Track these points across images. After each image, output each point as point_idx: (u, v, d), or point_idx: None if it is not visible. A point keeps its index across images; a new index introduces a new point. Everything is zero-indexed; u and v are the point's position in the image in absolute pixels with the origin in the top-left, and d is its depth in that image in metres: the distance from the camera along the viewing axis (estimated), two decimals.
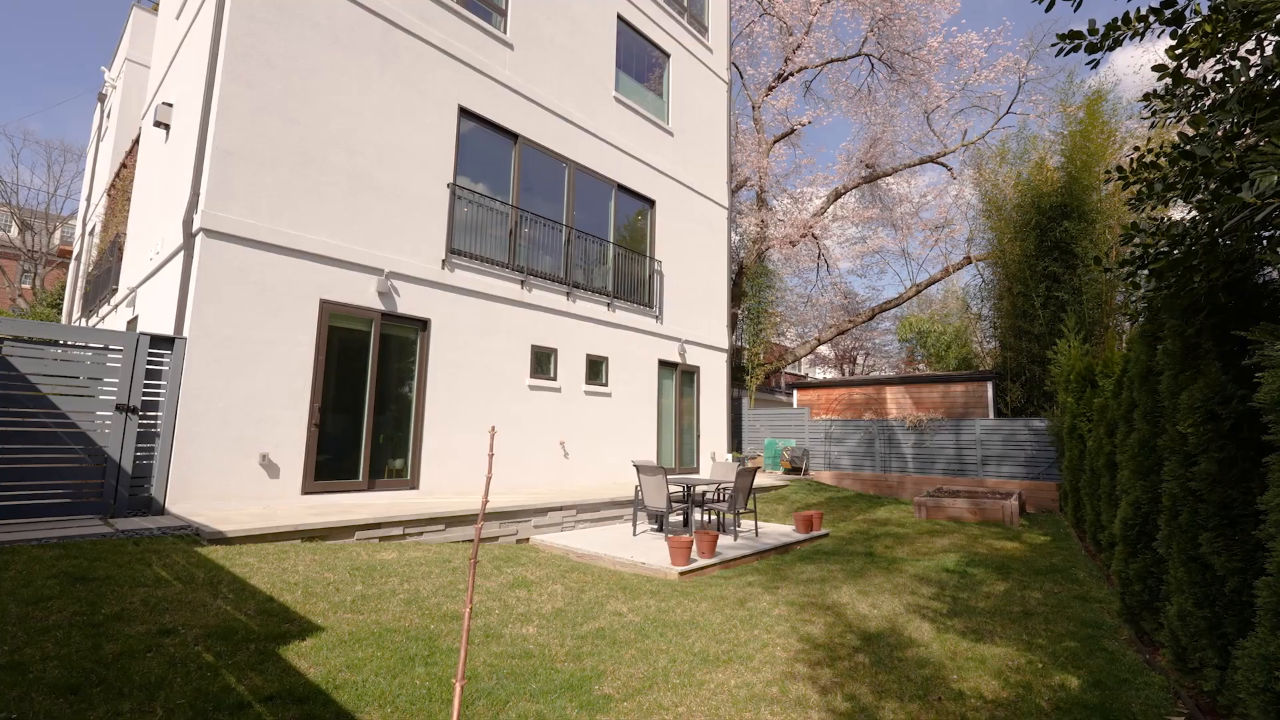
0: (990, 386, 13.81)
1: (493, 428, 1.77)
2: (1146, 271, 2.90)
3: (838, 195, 18.88)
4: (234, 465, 6.31)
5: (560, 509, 7.91)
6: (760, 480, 12.89)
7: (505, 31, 9.55)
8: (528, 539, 7.39)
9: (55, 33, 52.47)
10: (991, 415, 13.61)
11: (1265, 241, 2.31)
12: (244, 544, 5.08)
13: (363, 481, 7.38)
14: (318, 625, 3.54)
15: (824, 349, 29.57)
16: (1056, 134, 14.20)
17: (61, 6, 52.47)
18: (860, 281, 55.52)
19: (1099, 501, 6.29)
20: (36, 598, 3.37)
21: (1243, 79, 2.25)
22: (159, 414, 5.95)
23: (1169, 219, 2.96)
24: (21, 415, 5.26)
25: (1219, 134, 2.30)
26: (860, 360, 30.03)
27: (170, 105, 8.30)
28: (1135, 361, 4.16)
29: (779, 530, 8.64)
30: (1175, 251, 2.69)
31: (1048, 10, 2.63)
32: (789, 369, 27.70)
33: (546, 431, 9.51)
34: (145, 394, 5.87)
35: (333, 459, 7.20)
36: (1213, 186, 2.27)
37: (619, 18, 11.63)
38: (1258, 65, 2.41)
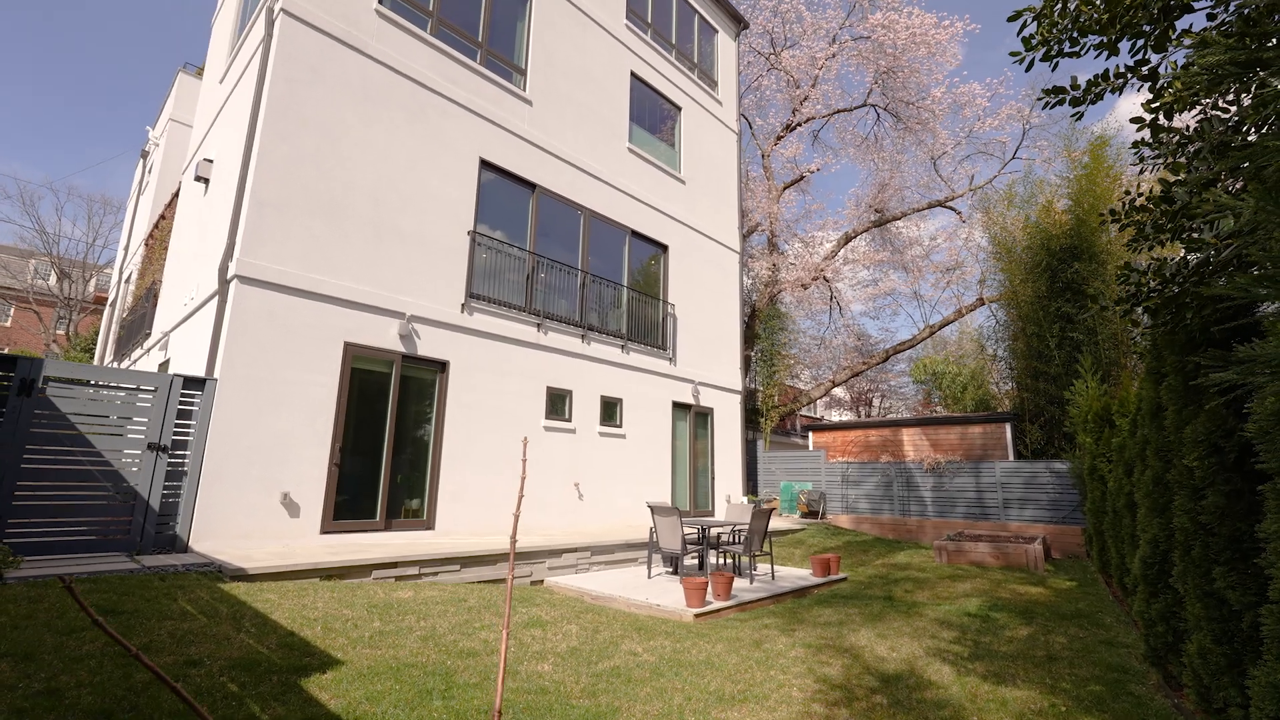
0: (1009, 428, 13.66)
1: (524, 440, 1.89)
2: (1142, 309, 2.99)
3: (848, 239, 19.20)
4: (256, 504, 6.45)
5: (574, 550, 7.89)
6: (777, 524, 12.72)
7: (525, 89, 10.10)
8: (542, 581, 7.37)
9: (103, 97, 55.95)
10: (1011, 457, 13.42)
11: (1229, 273, 2.41)
12: (265, 581, 5.17)
13: (379, 521, 7.46)
14: (337, 659, 3.59)
15: (839, 391, 29.43)
16: (1063, 178, 14.45)
17: (109, 73, 56.10)
18: (873, 324, 55.57)
19: (1122, 544, 6.18)
20: (70, 629, 3.47)
21: (1219, 129, 2.41)
22: (187, 453, 6.14)
23: (1177, 258, 3.07)
24: (59, 453, 5.47)
25: (1198, 180, 2.43)
26: (876, 403, 29.80)
27: (211, 161, 8.83)
28: (1144, 398, 4.20)
29: (796, 574, 8.51)
30: (1167, 289, 2.79)
31: (1027, 70, 2.82)
32: (804, 411, 27.55)
33: (561, 472, 9.56)
34: (176, 433, 6.08)
35: (351, 499, 7.32)
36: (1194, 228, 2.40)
37: (632, 74, 12.24)
38: (1233, 117, 2.57)
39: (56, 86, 53.56)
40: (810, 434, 16.87)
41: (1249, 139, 2.24)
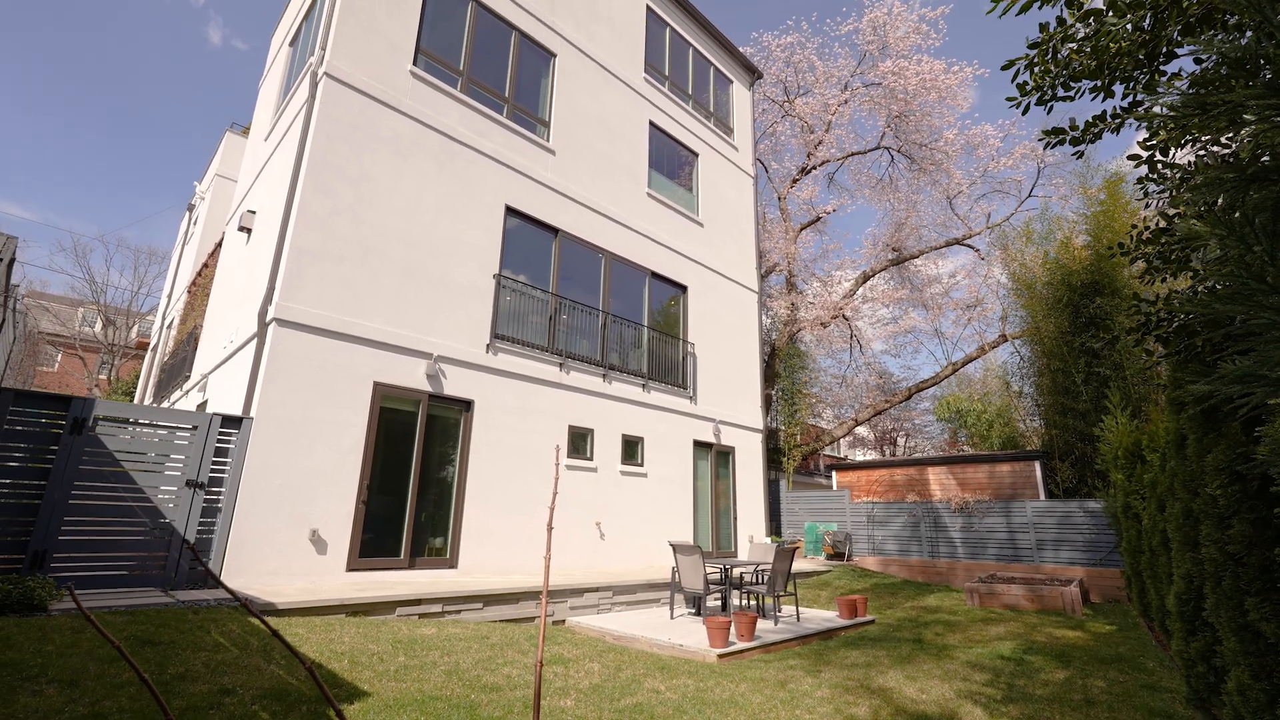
0: (1038, 466, 13.32)
1: (556, 475, 2.00)
2: (1154, 338, 3.04)
3: (866, 278, 19.31)
4: (286, 541, 6.58)
5: (596, 590, 7.85)
6: (802, 565, 12.46)
7: (548, 140, 10.59)
8: (563, 620, 7.32)
9: (153, 154, 59.47)
10: (1042, 496, 13.04)
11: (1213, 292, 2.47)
12: (293, 616, 5.25)
13: (404, 559, 7.54)
14: (364, 691, 3.64)
15: (863, 430, 29.02)
16: (1080, 214, 14.48)
17: (162, 132, 59.78)
18: (895, 361, 54.97)
19: (1160, 583, 5.97)
20: (110, 657, 3.59)
21: (1210, 164, 2.51)
22: (222, 490, 6.35)
23: (1186, 287, 3.13)
24: (103, 490, 5.70)
25: (1195, 213, 2.52)
26: (901, 442, 29.27)
27: (254, 212, 9.36)
28: (1169, 429, 4.17)
29: (821, 616, 8.32)
30: (1176, 318, 2.85)
31: (1024, 113, 2.97)
32: (827, 451, 27.16)
33: (583, 511, 9.57)
34: (212, 471, 6.30)
35: (376, 536, 7.42)
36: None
37: (651, 123, 12.75)
38: (1228, 153, 2.68)
39: (113, 144, 57.18)
40: (834, 473, 16.62)
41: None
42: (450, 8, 9.60)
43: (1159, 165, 2.78)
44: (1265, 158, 1.77)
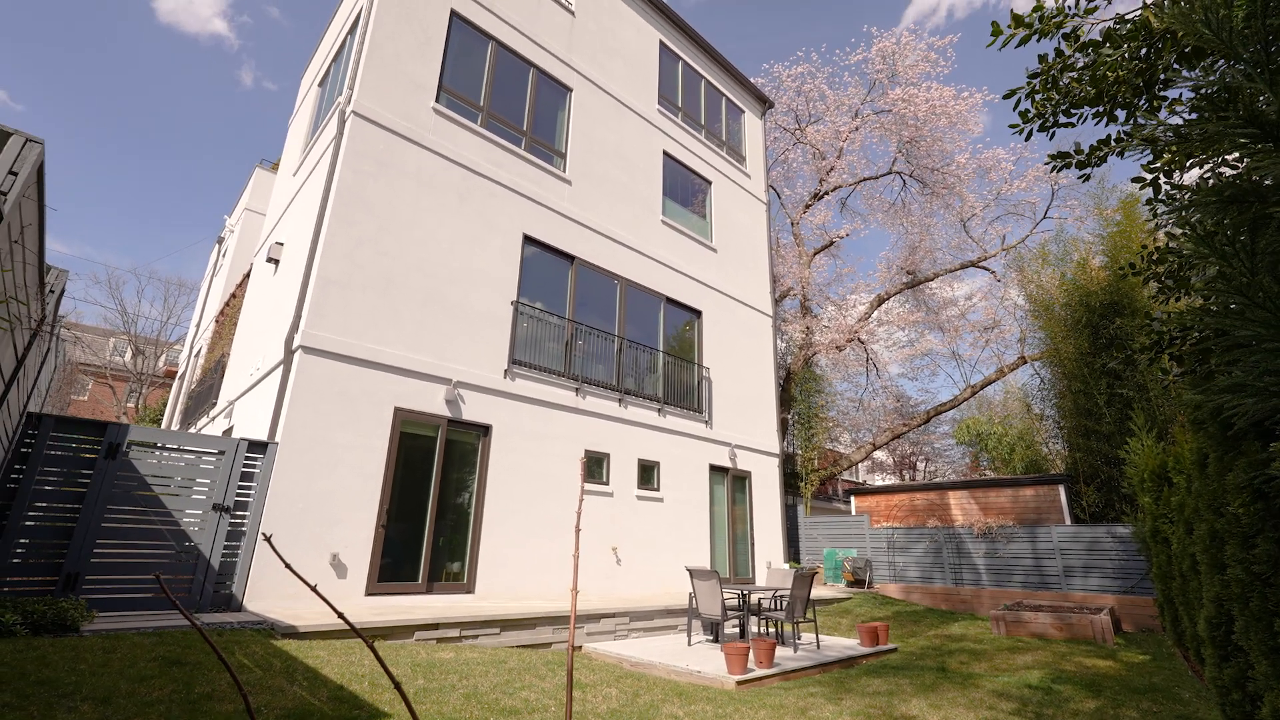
0: (1063, 490, 13.05)
1: (580, 498, 2.07)
2: (1168, 356, 3.05)
3: (881, 301, 19.29)
4: (306, 565, 6.67)
5: (612, 616, 7.80)
6: (822, 592, 12.24)
7: (565, 170, 10.88)
8: (580, 646, 7.27)
9: (186, 189, 61.67)
10: (1068, 520, 12.74)
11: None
12: (314, 639, 5.31)
13: (422, 584, 7.57)
14: (385, 713, 3.68)
15: (881, 455, 28.64)
16: (1096, 235, 14.42)
17: (194, 168, 62.06)
18: (912, 385, 54.47)
19: (1191, 609, 5.81)
20: (141, 676, 3.67)
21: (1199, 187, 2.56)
22: (247, 513, 6.47)
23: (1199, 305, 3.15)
24: (134, 513, 5.85)
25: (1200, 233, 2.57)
26: (921, 466, 28.79)
27: (282, 244, 9.69)
28: (1193, 449, 4.13)
29: (842, 643, 8.16)
30: (1189, 335, 2.87)
31: (1026, 139, 3.05)
32: (845, 475, 26.79)
33: (599, 536, 9.56)
34: (238, 495, 6.44)
35: (395, 561, 7.48)
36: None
37: (664, 153, 13.04)
38: (1235, 173, 2.73)
39: (147, 180, 59.44)
40: (852, 498, 16.40)
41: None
42: (471, 47, 10.01)
43: (1164, 187, 2.83)
44: (1267, 180, 1.83)
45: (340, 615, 0.88)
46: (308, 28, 75.92)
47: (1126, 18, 2.41)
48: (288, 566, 0.90)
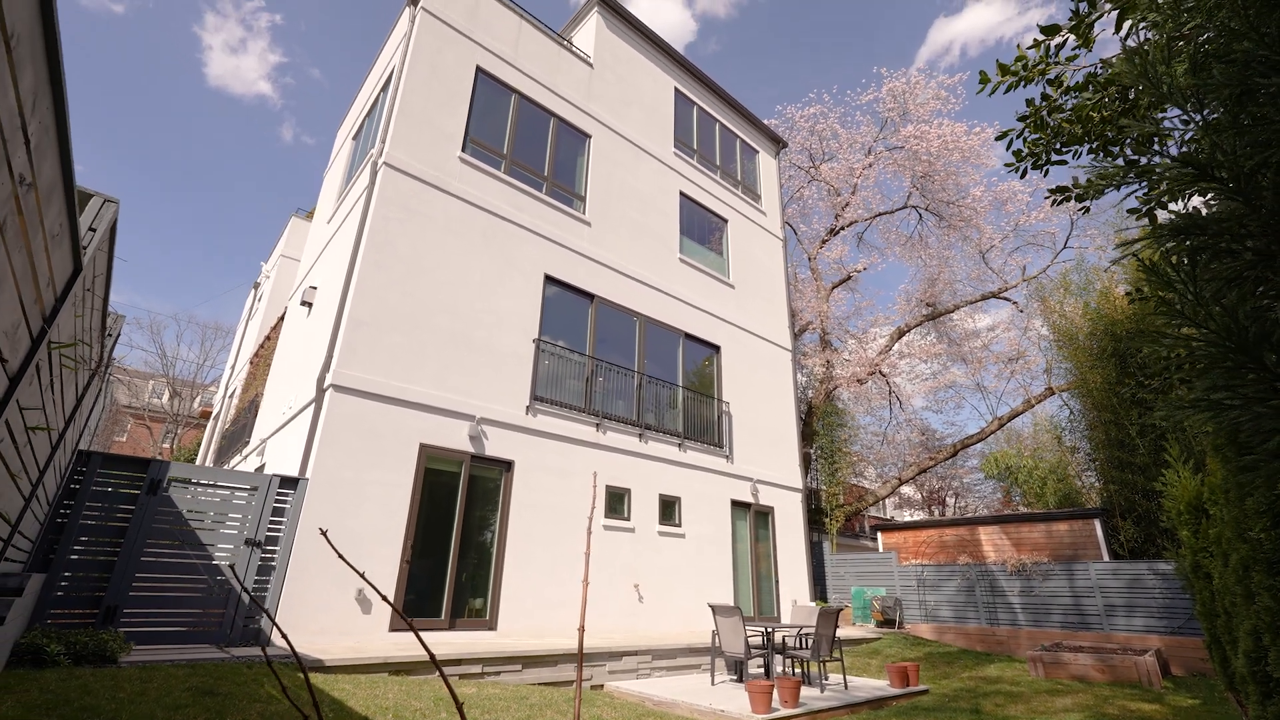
0: (1098, 524, 12.63)
1: (589, 531, 2.18)
2: (1178, 380, 3.08)
3: (901, 334, 19.22)
4: (332, 600, 6.78)
5: (635, 654, 7.72)
6: (851, 633, 11.90)
7: (584, 212, 11.26)
8: (601, 685, 7.20)
9: (226, 238, 64.55)
10: (1106, 556, 12.29)
11: None
12: (339, 673, 5.38)
13: (444, 620, 7.61)
14: None
15: (909, 490, 27.99)
16: (1119, 264, 14.31)
17: (234, 217, 65.07)
18: (937, 418, 53.45)
19: (1236, 646, 5.57)
20: (175, 705, 3.79)
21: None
22: (277, 548, 6.64)
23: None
24: (171, 548, 6.06)
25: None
26: (951, 501, 28.03)
27: (315, 288, 10.14)
28: (1221, 476, 4.08)
29: (871, 684, 7.92)
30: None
31: (1022, 177, 3.18)
32: (872, 511, 26.18)
33: (620, 573, 9.51)
34: (269, 530, 6.62)
35: (419, 597, 7.55)
36: None
37: (681, 193, 13.41)
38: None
39: (190, 226, 62.37)
40: (879, 534, 16.04)
41: None
42: (495, 100, 10.56)
43: (1174, 214, 2.92)
44: (1204, 213, 1.94)
45: (418, 636, 1.00)
46: (345, 87, 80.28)
47: (1111, 61, 2.56)
48: (340, 556, 1.03)
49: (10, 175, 1.27)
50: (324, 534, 1.00)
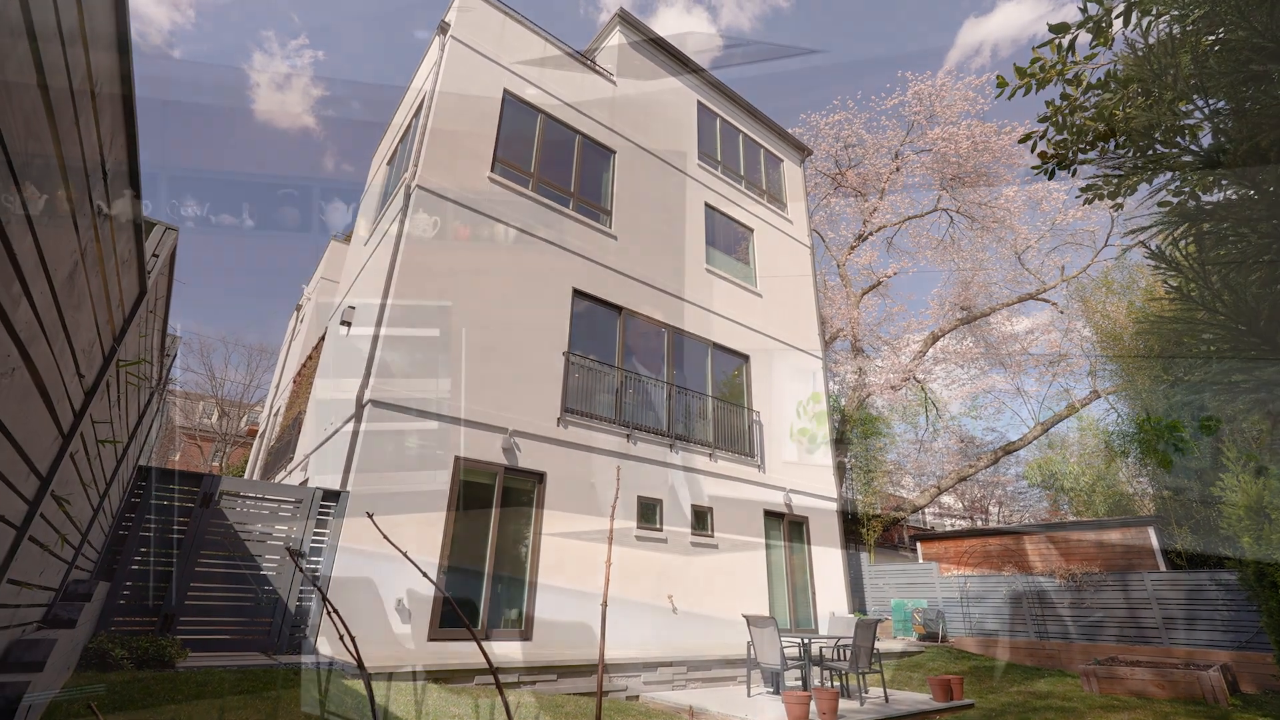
0: (1153, 532, 12.08)
1: (610, 534, 2.24)
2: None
3: (935, 339, 18.83)
4: (373, 609, 6.96)
5: (669, 665, 7.69)
6: (892, 645, 11.61)
7: (611, 227, 11.43)
8: (637, 696, 7.19)
9: (269, 262, 67.29)
10: (1162, 566, 11.74)
11: None
12: (379, 680, 5.52)
13: (481, 630, 7.72)
14: None
15: (949, 499, 27.22)
16: (1128, 251, 13.78)
17: (277, 243, 67.82)
18: (976, 424, 51.84)
19: None
20: (230, 706, 3.96)
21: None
22: (320, 559, 6.87)
23: None
24: (222, 559, 6.33)
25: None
26: (994, 510, 27.12)
27: (354, 307, 10.50)
28: (1275, 480, 3.91)
29: (912, 697, 7.72)
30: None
31: (1049, 178, 3.16)
32: (911, 520, 25.51)
33: (653, 583, 9.50)
34: (313, 541, 6.86)
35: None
36: None
37: (706, 204, 13.50)
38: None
39: (239, 253, 65.22)
40: (919, 545, 15.63)
41: None
42: (522, 121, 10.85)
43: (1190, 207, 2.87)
44: (1205, 198, 1.91)
45: (479, 644, 1.08)
46: (382, 116, 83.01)
47: (1126, 57, 2.55)
48: (385, 537, 1.12)
49: (91, 206, 1.42)
50: (370, 516, 1.08)
